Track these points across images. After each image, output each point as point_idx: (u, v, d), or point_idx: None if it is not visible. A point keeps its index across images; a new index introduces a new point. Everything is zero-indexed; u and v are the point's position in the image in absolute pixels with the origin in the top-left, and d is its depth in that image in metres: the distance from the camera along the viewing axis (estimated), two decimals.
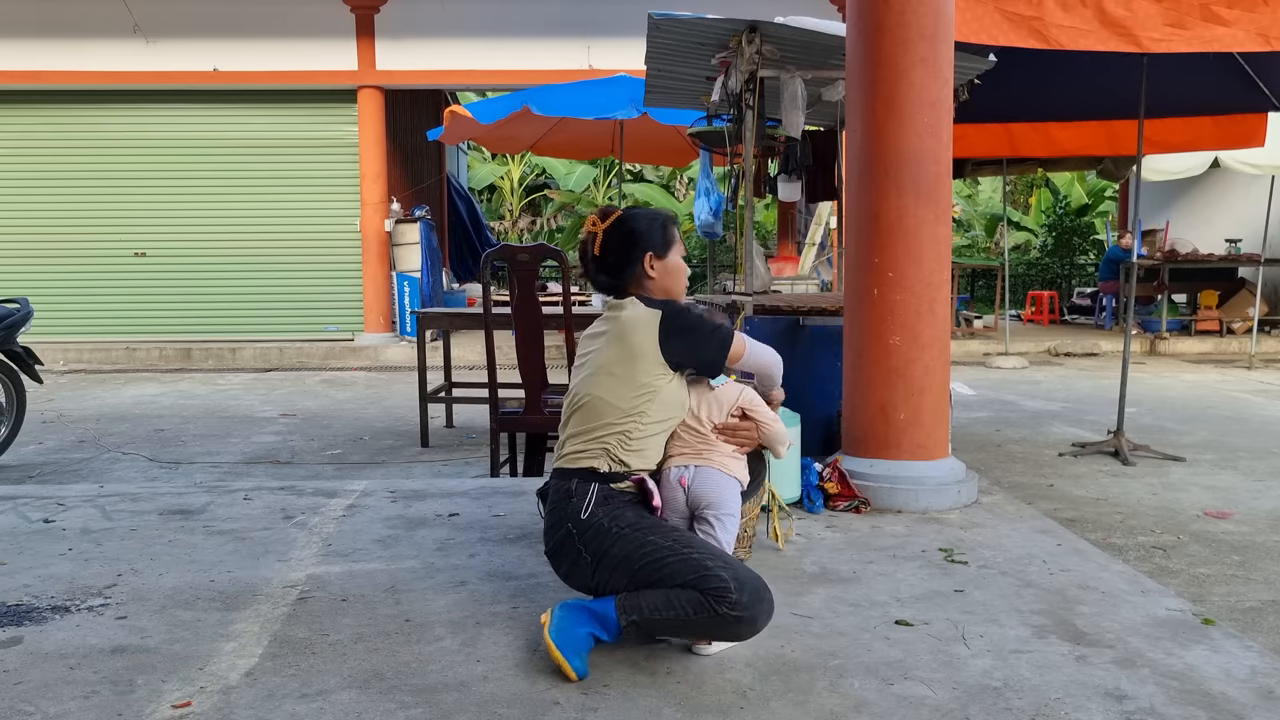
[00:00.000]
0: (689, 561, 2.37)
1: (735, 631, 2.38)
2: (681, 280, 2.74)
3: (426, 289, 11.20)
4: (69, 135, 11.29)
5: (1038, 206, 20.44)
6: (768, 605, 2.38)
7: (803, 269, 10.28)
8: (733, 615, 2.31)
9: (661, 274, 2.69)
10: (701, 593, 2.32)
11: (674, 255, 2.71)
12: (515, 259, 4.42)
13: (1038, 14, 4.14)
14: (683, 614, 2.34)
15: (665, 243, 2.69)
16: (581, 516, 2.47)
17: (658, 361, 2.54)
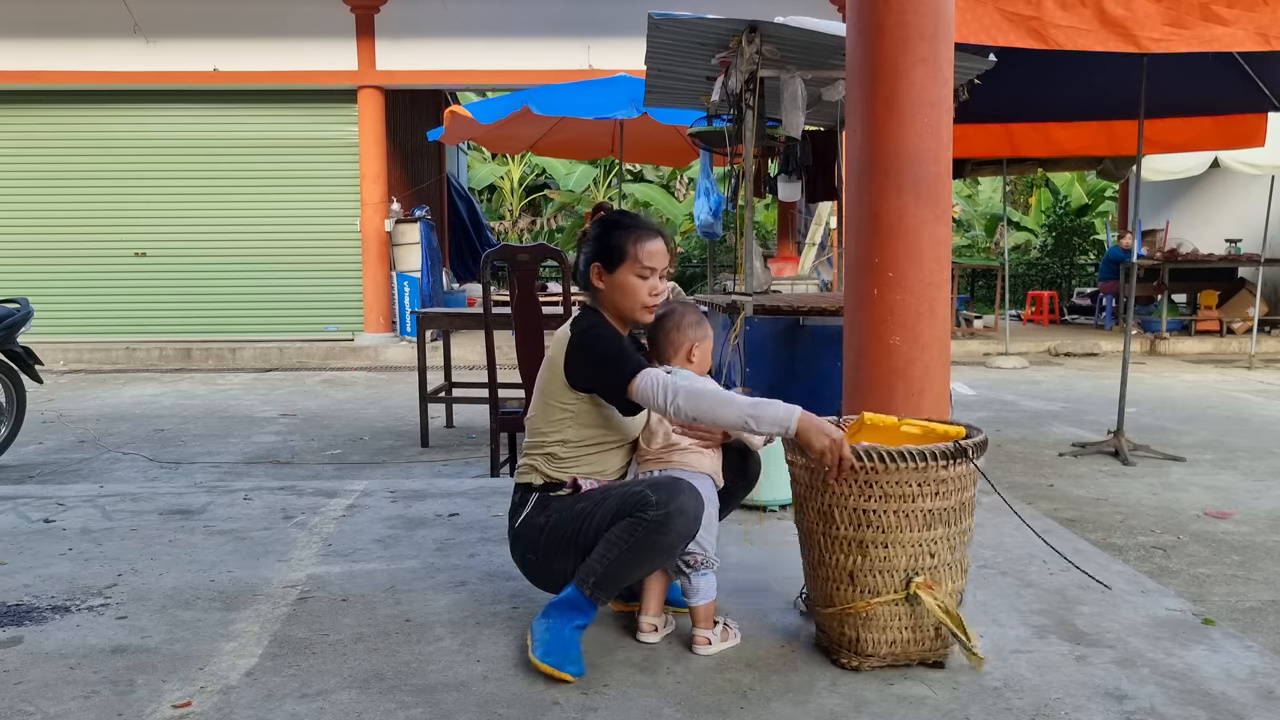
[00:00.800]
0: (609, 501, 2.38)
1: (674, 530, 2.31)
2: (629, 302, 2.53)
3: (426, 289, 11.20)
4: (69, 135, 11.29)
5: (1038, 206, 20.44)
6: (689, 493, 2.34)
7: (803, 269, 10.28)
8: (660, 516, 2.29)
9: (608, 289, 2.55)
10: (628, 517, 2.32)
11: (625, 274, 2.51)
12: (515, 259, 4.42)
13: (1037, 14, 4.14)
14: (623, 546, 2.33)
15: (615, 257, 2.51)
16: (514, 527, 2.55)
17: (564, 384, 2.49)
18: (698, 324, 2.69)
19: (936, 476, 2.30)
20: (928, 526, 2.32)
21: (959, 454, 2.31)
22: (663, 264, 2.54)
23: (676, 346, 2.68)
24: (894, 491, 2.30)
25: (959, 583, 2.41)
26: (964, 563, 2.43)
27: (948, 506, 2.33)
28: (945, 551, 2.35)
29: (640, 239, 2.52)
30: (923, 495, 2.31)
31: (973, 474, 2.38)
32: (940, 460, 2.30)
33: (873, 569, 2.34)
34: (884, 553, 2.33)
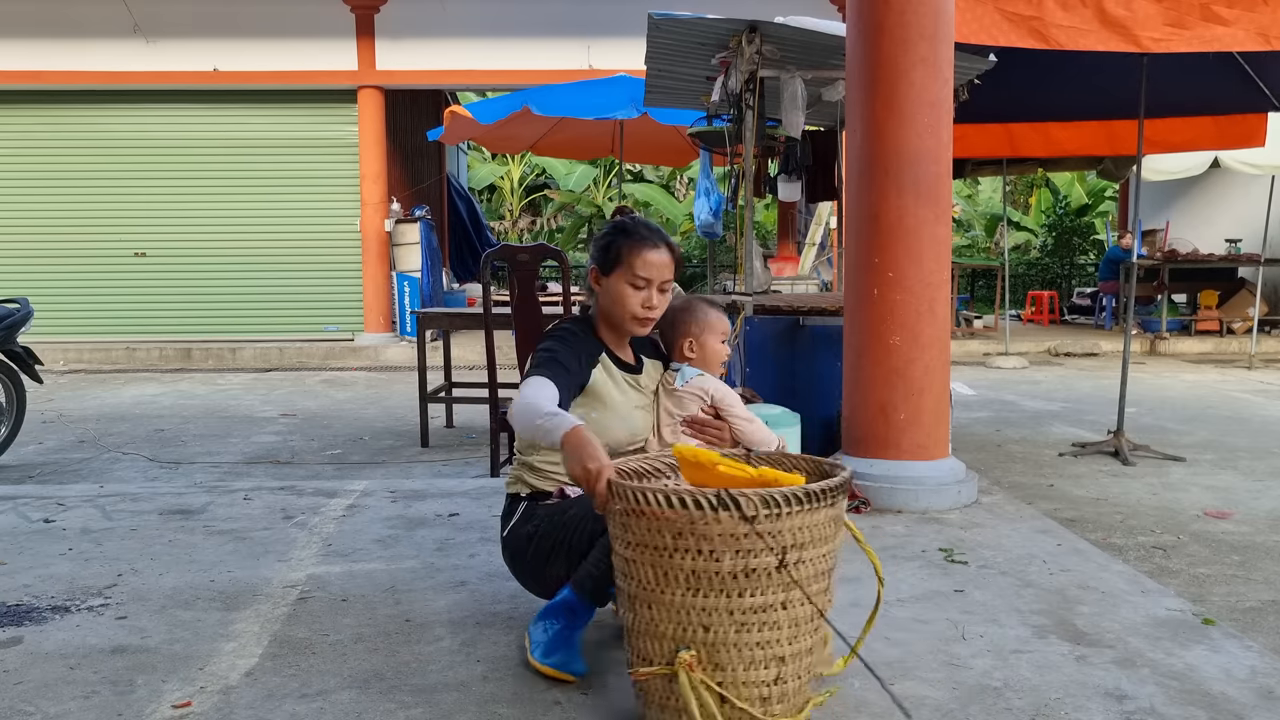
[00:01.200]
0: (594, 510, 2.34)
1: None
2: (619, 310, 2.45)
3: (426, 289, 11.20)
4: (69, 135, 11.29)
5: (1038, 206, 20.44)
6: None
7: (803, 269, 10.28)
8: None
9: (602, 294, 2.49)
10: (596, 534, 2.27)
11: (618, 280, 2.44)
12: (515, 259, 4.43)
13: (1037, 14, 4.14)
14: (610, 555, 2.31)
15: (610, 262, 2.45)
16: (504, 535, 2.53)
17: None
18: (695, 318, 2.62)
19: (699, 531, 1.82)
20: (693, 591, 1.87)
21: (726, 506, 1.80)
22: (662, 275, 2.44)
23: (672, 342, 2.66)
24: (648, 541, 1.88)
25: (764, 674, 1.89)
26: (781, 653, 1.89)
27: (721, 571, 1.84)
28: (728, 629, 1.86)
29: (638, 247, 2.43)
30: (679, 550, 1.85)
31: (773, 538, 1.83)
32: (702, 510, 1.81)
33: (642, 630, 1.95)
34: (649, 613, 1.92)
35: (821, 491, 1.86)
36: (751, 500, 1.80)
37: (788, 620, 1.89)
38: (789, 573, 1.85)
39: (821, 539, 1.91)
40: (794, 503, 1.83)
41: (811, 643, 1.96)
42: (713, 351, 2.63)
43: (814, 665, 2.01)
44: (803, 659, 1.94)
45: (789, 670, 1.92)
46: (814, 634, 1.96)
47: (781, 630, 1.89)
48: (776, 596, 1.87)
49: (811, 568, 1.90)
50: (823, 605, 1.95)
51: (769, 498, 1.81)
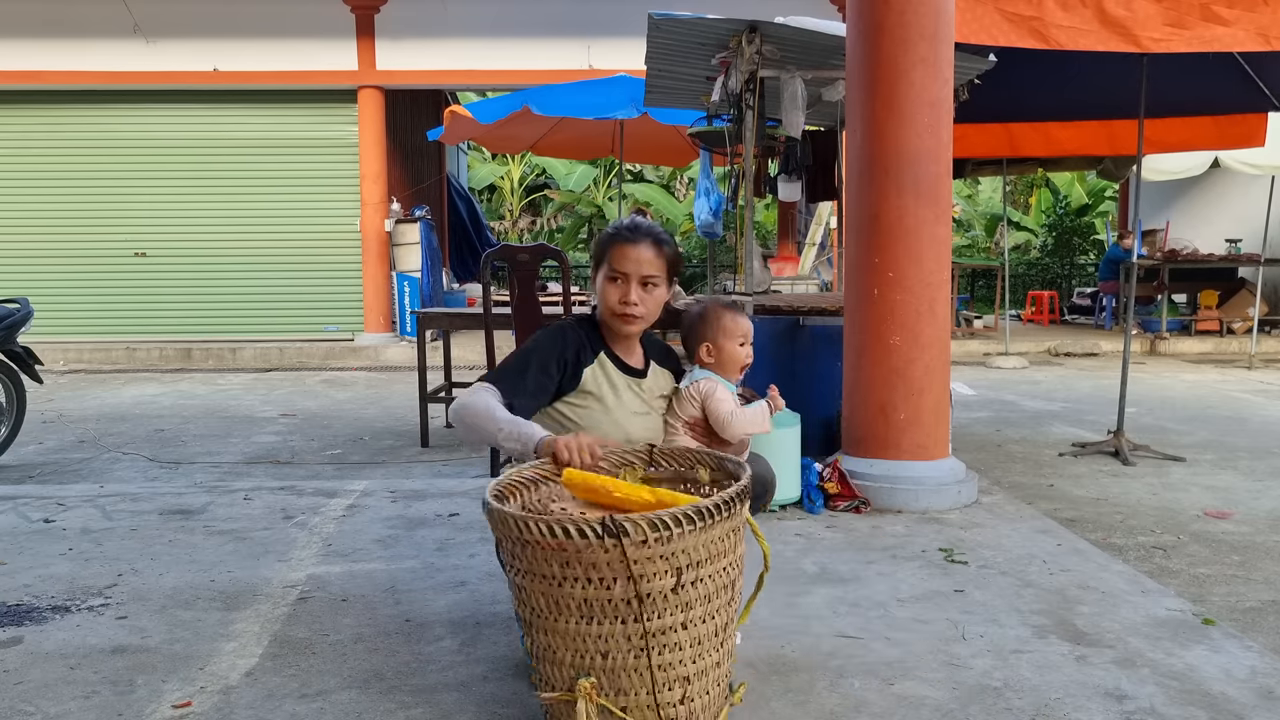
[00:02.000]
0: None
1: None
2: (603, 305, 2.46)
3: (426, 289, 11.20)
4: (69, 135, 11.29)
5: (1038, 206, 20.44)
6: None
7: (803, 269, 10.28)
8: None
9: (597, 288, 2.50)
10: None
11: (600, 276, 2.46)
12: (515, 259, 4.43)
13: (1038, 14, 4.14)
14: None
15: (596, 259, 2.49)
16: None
17: None
18: (710, 322, 2.60)
19: (587, 559, 1.74)
20: (587, 619, 1.80)
21: (612, 534, 1.72)
22: (641, 270, 2.39)
23: (690, 348, 2.63)
24: (537, 569, 1.81)
25: (669, 695, 1.83)
26: (686, 673, 1.84)
27: (614, 598, 1.77)
28: (626, 655, 1.81)
29: (615, 241, 2.42)
30: (569, 579, 1.78)
31: (666, 561, 1.75)
32: (587, 539, 1.72)
33: (541, 656, 1.90)
34: (546, 640, 1.87)
35: (715, 507, 1.77)
36: (640, 526, 1.71)
37: (689, 640, 1.82)
38: (685, 593, 1.78)
39: (719, 554, 1.83)
40: (685, 523, 1.74)
41: (719, 655, 1.89)
42: (730, 355, 2.60)
43: (727, 675, 1.96)
44: (710, 674, 1.88)
45: (695, 688, 1.86)
46: (721, 648, 1.89)
47: (684, 650, 1.82)
48: (675, 618, 1.80)
49: (711, 584, 1.83)
50: (728, 618, 1.89)
51: (657, 521, 1.72)
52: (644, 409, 2.53)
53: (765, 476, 2.59)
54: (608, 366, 2.49)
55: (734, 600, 1.92)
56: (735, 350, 2.60)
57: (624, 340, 2.53)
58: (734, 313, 2.63)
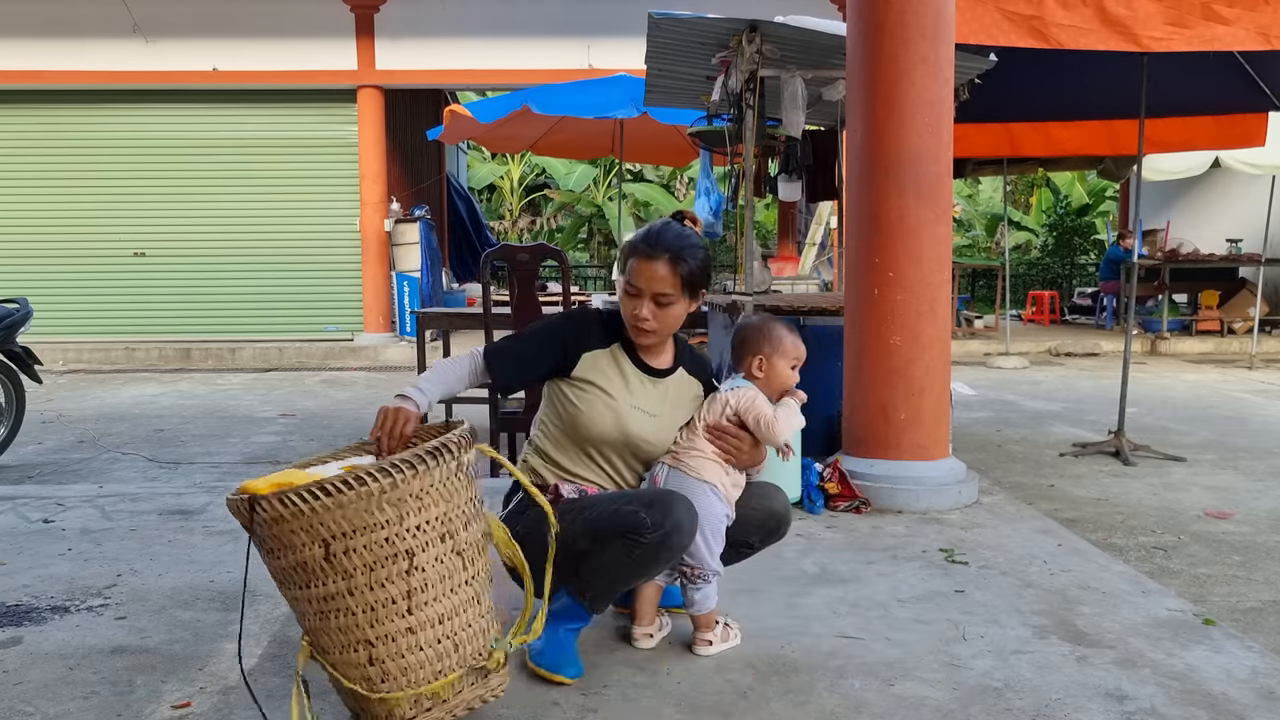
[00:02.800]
0: (597, 516, 2.29)
1: (671, 547, 2.26)
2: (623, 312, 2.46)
3: (426, 289, 11.20)
4: (69, 135, 11.29)
5: (1038, 206, 20.44)
6: (683, 505, 2.27)
7: (803, 269, 10.28)
8: (657, 538, 2.22)
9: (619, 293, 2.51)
10: (622, 538, 2.24)
11: (621, 285, 2.47)
12: (515, 259, 4.42)
13: (1038, 13, 4.14)
14: (619, 565, 2.27)
15: (622, 264, 2.50)
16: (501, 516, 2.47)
17: None
18: (768, 337, 2.54)
19: (259, 534, 1.88)
20: (281, 584, 1.95)
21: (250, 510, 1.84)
22: (653, 288, 2.37)
23: (742, 358, 2.58)
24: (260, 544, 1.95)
25: (356, 656, 1.90)
26: (366, 637, 1.89)
27: (284, 565, 1.89)
28: (313, 618, 1.92)
29: (634, 255, 2.41)
30: (264, 550, 1.92)
31: (305, 532, 1.84)
32: (242, 514, 1.86)
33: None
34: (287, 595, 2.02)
35: (343, 483, 1.81)
36: (271, 502, 1.81)
37: (359, 606, 1.87)
38: (339, 561, 1.85)
39: (373, 525, 1.85)
40: (311, 498, 1.81)
41: (410, 622, 1.90)
42: (780, 375, 2.53)
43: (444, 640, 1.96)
44: (402, 639, 1.90)
45: (383, 651, 1.90)
46: (409, 614, 1.90)
47: (357, 616, 1.88)
48: (338, 584, 1.86)
49: (369, 553, 1.86)
50: (410, 586, 1.90)
51: (285, 498, 1.81)
52: (653, 410, 2.47)
53: (781, 512, 2.56)
54: (620, 358, 2.46)
55: (413, 570, 1.90)
56: (786, 373, 2.54)
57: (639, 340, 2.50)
58: (795, 336, 2.58)
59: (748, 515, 2.53)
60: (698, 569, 2.43)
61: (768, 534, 2.57)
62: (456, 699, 1.98)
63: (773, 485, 2.64)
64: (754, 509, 2.53)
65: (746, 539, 2.55)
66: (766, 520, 2.54)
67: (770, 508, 2.55)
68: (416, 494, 1.88)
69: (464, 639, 1.97)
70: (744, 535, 2.53)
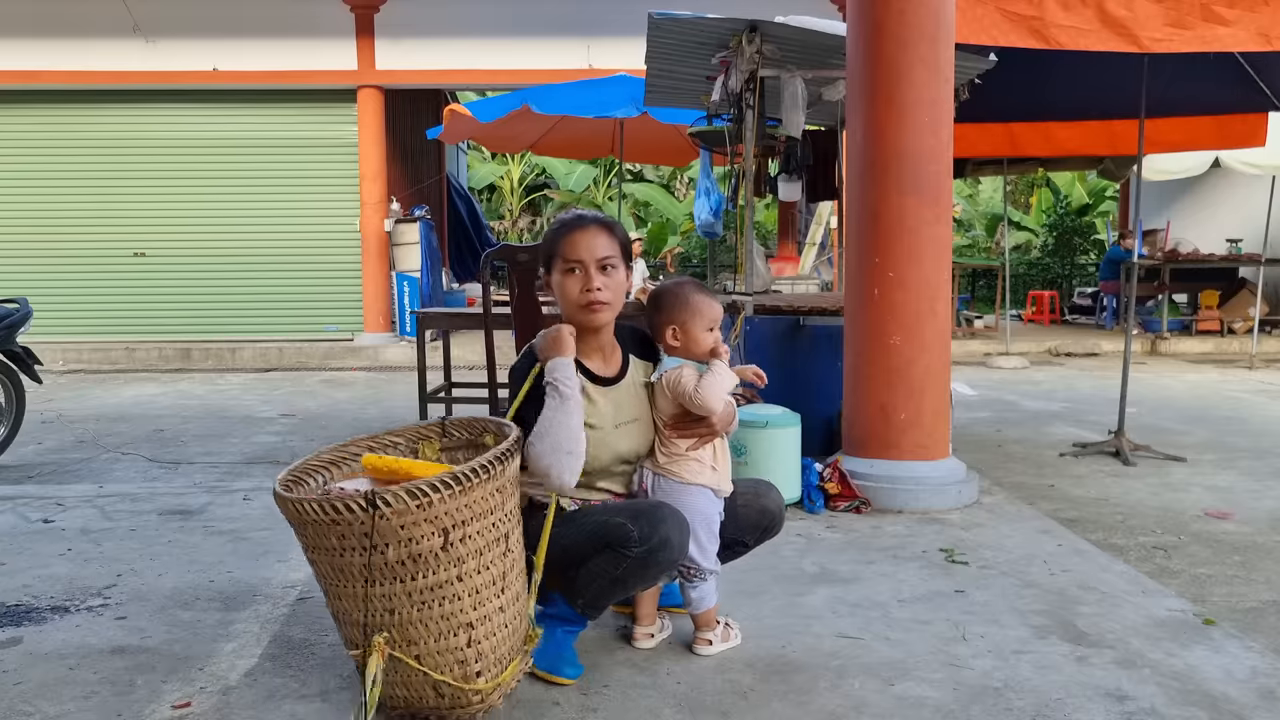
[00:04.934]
0: (584, 534, 2.27)
1: (659, 563, 2.23)
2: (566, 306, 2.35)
3: (426, 289, 11.19)
4: (69, 135, 11.28)
5: (1038, 206, 20.43)
6: (673, 521, 2.24)
7: (803, 269, 10.27)
8: (643, 552, 2.20)
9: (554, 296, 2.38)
10: (609, 550, 2.23)
11: (556, 274, 2.34)
12: (515, 259, 4.42)
13: (1038, 14, 4.14)
14: (608, 577, 2.25)
15: (546, 260, 2.36)
16: None
17: None
18: (681, 301, 2.41)
19: (358, 530, 1.92)
20: (370, 583, 1.97)
21: (375, 505, 1.89)
22: (595, 254, 2.28)
23: (657, 328, 2.45)
24: (320, 544, 2.00)
25: (455, 640, 2.00)
26: (469, 619, 2.00)
27: (389, 560, 1.94)
28: (410, 609, 1.98)
29: (562, 232, 2.32)
30: (347, 549, 1.96)
31: (430, 524, 1.92)
32: (354, 513, 1.90)
33: (341, 619, 2.09)
34: (341, 604, 2.05)
35: (471, 472, 1.95)
36: (400, 495, 1.89)
37: (467, 590, 2.00)
38: (456, 549, 1.97)
39: (484, 512, 2.01)
40: (442, 489, 1.92)
41: (503, 601, 2.07)
42: (698, 340, 2.41)
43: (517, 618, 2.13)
44: (494, 618, 2.06)
45: (480, 632, 2.03)
46: (502, 594, 2.07)
47: (463, 600, 2.00)
48: (450, 572, 1.98)
49: (480, 539, 2.01)
50: (505, 567, 2.07)
51: (415, 490, 1.90)
52: (628, 417, 2.42)
53: (774, 509, 2.56)
54: (585, 386, 2.34)
55: (510, 551, 2.10)
56: (703, 336, 2.42)
57: (593, 342, 2.40)
58: (707, 296, 2.46)
59: (741, 514, 2.53)
60: (693, 568, 2.43)
61: (762, 532, 2.58)
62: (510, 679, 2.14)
63: (765, 482, 2.65)
64: (747, 507, 2.54)
65: (741, 538, 2.56)
66: (760, 519, 2.55)
67: (763, 506, 2.55)
68: (511, 481, 2.11)
69: (523, 615, 2.18)
70: (738, 534, 2.54)
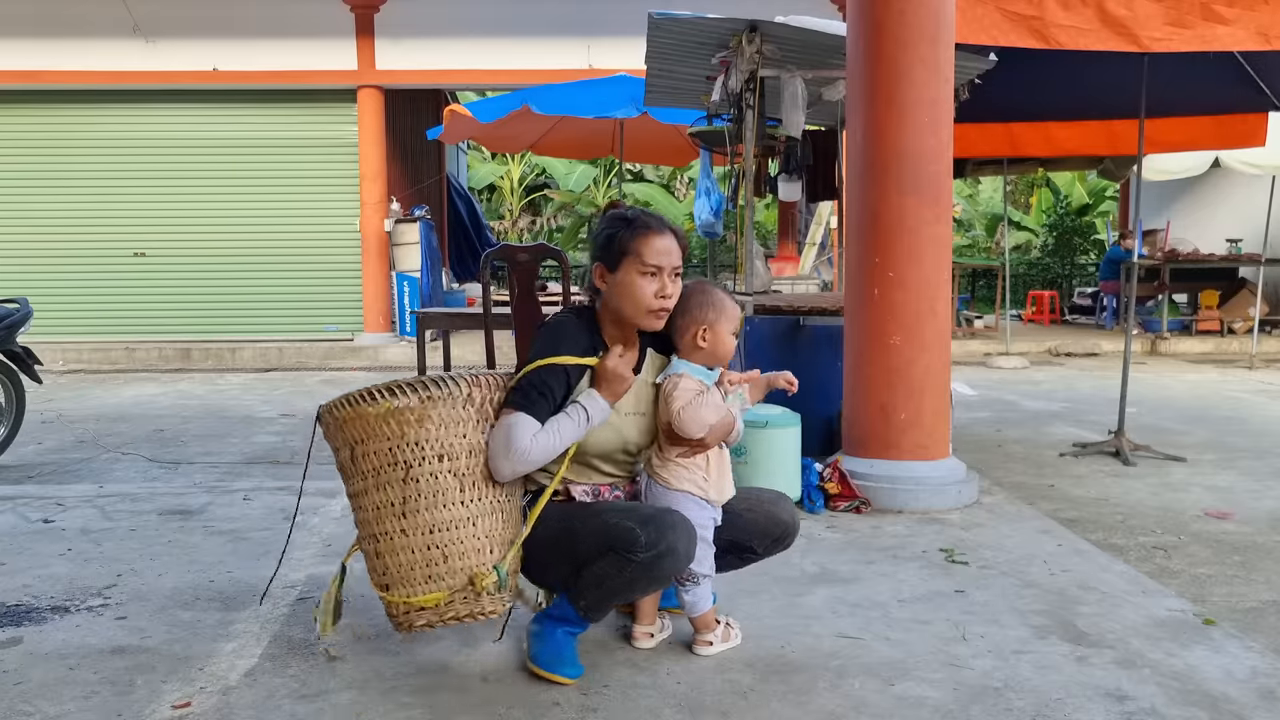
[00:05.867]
0: (597, 526, 2.27)
1: (664, 569, 2.23)
2: (631, 305, 2.32)
3: (426, 289, 11.19)
4: (69, 135, 11.27)
5: (1038, 206, 20.43)
6: (681, 529, 2.23)
7: (803, 269, 10.28)
8: (649, 558, 2.19)
9: (610, 291, 2.35)
10: (613, 553, 2.22)
11: (628, 271, 2.31)
12: (515, 259, 4.42)
13: (1038, 13, 4.14)
14: (611, 581, 2.25)
15: (615, 254, 2.32)
16: None
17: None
18: (712, 303, 2.39)
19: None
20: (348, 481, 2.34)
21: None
22: (672, 262, 2.32)
23: (683, 329, 2.41)
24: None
25: (369, 547, 2.30)
26: (368, 528, 2.28)
27: (340, 464, 2.30)
28: (354, 512, 2.33)
29: (645, 234, 2.30)
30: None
31: (334, 432, 2.27)
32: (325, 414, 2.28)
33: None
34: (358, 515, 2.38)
35: (360, 396, 2.22)
36: (331, 406, 2.27)
37: (370, 504, 2.26)
38: (359, 464, 2.24)
39: (381, 436, 2.20)
40: (342, 406, 2.23)
41: (404, 525, 2.20)
42: (725, 343, 2.40)
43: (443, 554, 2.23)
44: (396, 539, 2.23)
45: (384, 546, 2.25)
46: (403, 518, 2.20)
47: (367, 512, 2.27)
48: (358, 484, 2.28)
49: (375, 460, 2.21)
50: (404, 494, 2.20)
51: (331, 404, 2.26)
52: (641, 409, 2.43)
53: (785, 518, 2.54)
54: None
55: (413, 481, 2.20)
56: (729, 340, 2.42)
57: (629, 334, 2.42)
58: (733, 297, 2.47)
59: (750, 520, 2.51)
60: (685, 573, 2.41)
61: (772, 541, 2.54)
62: (446, 608, 2.24)
63: (777, 492, 2.64)
64: (753, 512, 2.51)
65: (749, 543, 2.53)
66: (770, 527, 2.52)
67: (774, 514, 2.52)
68: (414, 419, 2.17)
69: (454, 553, 2.21)
70: (746, 539, 2.51)
